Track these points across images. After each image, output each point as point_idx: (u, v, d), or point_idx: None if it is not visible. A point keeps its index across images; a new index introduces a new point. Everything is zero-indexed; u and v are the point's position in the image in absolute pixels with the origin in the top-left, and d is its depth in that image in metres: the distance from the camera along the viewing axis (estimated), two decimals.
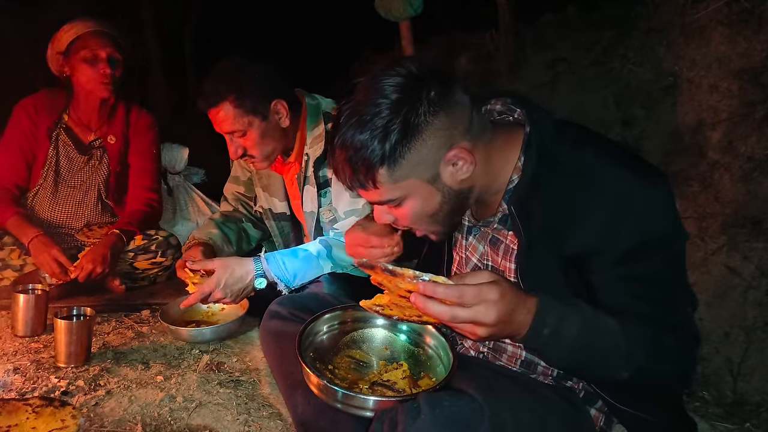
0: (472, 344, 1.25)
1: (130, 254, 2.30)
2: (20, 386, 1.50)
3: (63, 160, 2.34)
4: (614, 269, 0.97)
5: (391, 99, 0.94)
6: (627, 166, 0.99)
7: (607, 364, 0.94)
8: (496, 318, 0.84)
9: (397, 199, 1.02)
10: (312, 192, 1.88)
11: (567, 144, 1.02)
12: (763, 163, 1.82)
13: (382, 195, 1.02)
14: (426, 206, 1.03)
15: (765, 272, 1.73)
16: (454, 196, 1.03)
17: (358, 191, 1.04)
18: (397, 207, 1.04)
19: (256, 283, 1.72)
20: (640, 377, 0.95)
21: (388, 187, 1.00)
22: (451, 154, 0.98)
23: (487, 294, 0.84)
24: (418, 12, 3.12)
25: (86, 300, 2.18)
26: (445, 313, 0.84)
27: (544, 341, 0.90)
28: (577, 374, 1.08)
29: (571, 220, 0.98)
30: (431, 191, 1.02)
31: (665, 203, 0.98)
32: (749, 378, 1.72)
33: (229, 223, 2.12)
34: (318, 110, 1.86)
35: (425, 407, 0.91)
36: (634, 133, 2.25)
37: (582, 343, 0.91)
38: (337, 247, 1.76)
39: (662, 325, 0.95)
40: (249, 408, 1.49)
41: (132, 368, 1.65)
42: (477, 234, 1.18)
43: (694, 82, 2.09)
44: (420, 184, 1.00)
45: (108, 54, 2.20)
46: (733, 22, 1.99)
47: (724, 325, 1.79)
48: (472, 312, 0.84)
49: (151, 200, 2.44)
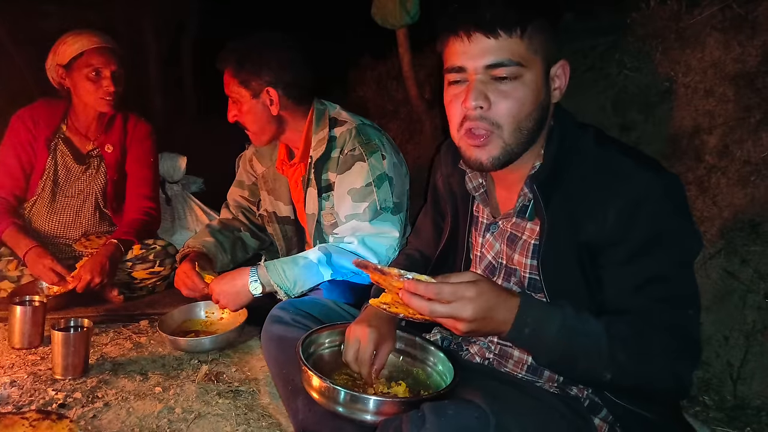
0: (478, 350, 1.25)
1: (128, 264, 2.30)
2: (17, 399, 1.49)
3: (61, 170, 2.34)
4: (622, 263, 0.99)
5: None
6: (646, 162, 1.02)
7: (588, 364, 0.96)
8: (473, 314, 0.90)
9: (521, 65, 1.01)
10: (313, 194, 1.89)
11: (589, 139, 1.07)
12: (760, 166, 1.83)
13: (513, 50, 1.00)
14: (533, 96, 1.03)
15: (763, 276, 1.73)
16: (545, 110, 1.07)
17: (487, 39, 1.00)
18: (506, 83, 1.02)
19: (251, 287, 1.71)
20: (624, 379, 0.96)
21: (524, 46, 1.01)
22: (561, 62, 1.07)
23: (463, 292, 0.90)
24: (415, 20, 3.13)
25: (84, 311, 2.17)
26: (424, 308, 0.90)
27: (526, 339, 0.95)
28: (560, 373, 1.10)
29: (590, 208, 1.01)
30: (540, 87, 1.04)
31: (681, 202, 1.01)
32: (749, 382, 1.71)
33: (225, 231, 2.12)
34: (324, 115, 1.89)
35: (430, 416, 0.91)
36: (632, 137, 2.26)
37: (561, 342, 0.94)
38: (337, 254, 1.76)
39: (658, 323, 0.96)
40: (248, 418, 1.48)
41: (130, 379, 1.64)
42: (495, 231, 1.19)
43: (690, 87, 2.09)
44: (540, 69, 1.04)
45: (112, 71, 2.21)
46: (727, 27, 2.00)
47: (723, 329, 1.78)
48: (449, 308, 0.90)
49: (149, 209, 2.43)
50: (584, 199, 1.02)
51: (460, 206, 1.27)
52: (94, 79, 2.20)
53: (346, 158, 1.81)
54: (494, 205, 1.21)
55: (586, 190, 1.02)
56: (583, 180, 1.03)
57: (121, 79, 2.25)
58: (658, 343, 0.95)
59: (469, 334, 0.95)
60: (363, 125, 1.87)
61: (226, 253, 2.08)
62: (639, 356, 0.95)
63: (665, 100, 2.18)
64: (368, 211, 1.77)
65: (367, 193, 1.78)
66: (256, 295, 1.73)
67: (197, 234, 2.14)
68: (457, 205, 1.28)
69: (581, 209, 1.02)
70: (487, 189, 1.22)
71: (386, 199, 1.79)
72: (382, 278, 0.98)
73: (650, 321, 0.96)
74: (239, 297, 1.74)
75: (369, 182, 1.78)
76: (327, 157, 1.85)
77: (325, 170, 1.87)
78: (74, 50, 2.19)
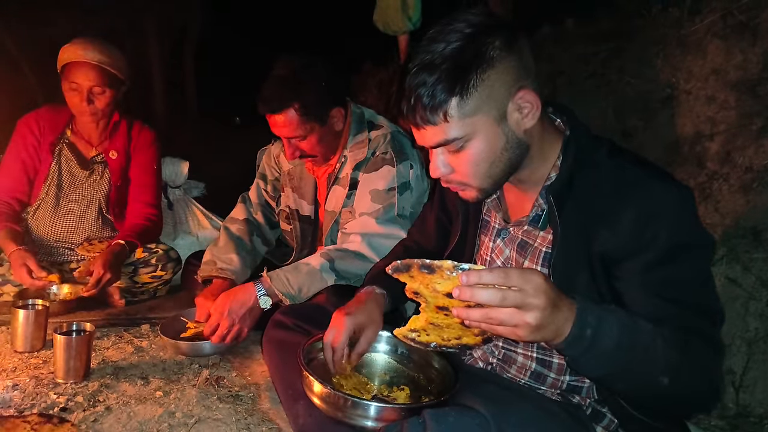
0: (482, 354, 1.25)
1: (130, 268, 2.30)
2: (19, 403, 1.50)
3: (65, 174, 2.35)
4: (642, 273, 0.98)
5: (465, 32, 0.97)
6: (659, 175, 1.02)
7: (647, 368, 0.90)
8: (545, 300, 0.80)
9: (463, 137, 1.01)
10: (339, 192, 1.90)
11: (604, 150, 1.07)
12: (761, 173, 1.83)
13: (448, 132, 1.00)
14: (489, 150, 1.02)
15: (765, 283, 1.73)
16: (516, 145, 1.04)
17: (424, 129, 1.02)
18: (459, 151, 1.03)
19: (261, 302, 1.71)
20: (678, 384, 0.91)
21: (458, 122, 0.99)
22: (519, 95, 1.00)
23: (531, 275, 0.81)
24: (416, 26, 3.15)
25: (86, 315, 2.17)
26: (495, 297, 0.79)
27: (587, 342, 0.85)
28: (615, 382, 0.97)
29: (604, 219, 1.01)
30: (497, 133, 1.01)
31: (693, 211, 1.01)
32: (752, 390, 1.71)
33: (244, 242, 2.09)
34: (362, 118, 1.92)
35: (430, 422, 0.91)
36: (634, 143, 2.26)
37: (623, 343, 0.87)
38: (340, 259, 1.76)
39: (692, 329, 0.93)
40: (248, 423, 1.48)
41: (131, 384, 1.64)
42: (506, 237, 1.19)
43: (691, 94, 2.10)
44: (487, 122, 1.00)
45: (89, 87, 2.19)
46: (728, 34, 2.01)
47: (725, 336, 1.78)
48: (521, 294, 0.79)
49: (151, 215, 2.44)
50: (598, 210, 1.02)
51: (471, 209, 1.28)
52: (74, 91, 2.19)
53: (376, 160, 1.84)
54: (505, 211, 1.22)
55: (600, 201, 1.02)
56: (597, 192, 1.03)
57: (101, 98, 2.22)
58: (698, 349, 0.92)
59: (534, 334, 0.82)
60: (398, 132, 1.91)
61: (248, 269, 2.04)
62: (688, 360, 0.90)
63: (666, 106, 2.19)
64: (382, 212, 1.79)
65: (389, 197, 1.80)
66: (267, 308, 1.72)
67: (223, 247, 2.04)
68: (468, 207, 1.28)
69: (595, 220, 1.02)
70: (499, 194, 1.23)
71: (405, 207, 1.82)
72: (426, 281, 0.85)
73: (685, 327, 0.92)
74: (253, 313, 1.72)
75: (392, 187, 1.80)
76: (364, 159, 1.87)
77: (360, 170, 1.88)
78: (63, 60, 2.20)
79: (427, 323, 0.94)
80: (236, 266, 1.98)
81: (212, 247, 2.06)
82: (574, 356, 0.88)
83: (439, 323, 0.93)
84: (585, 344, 0.86)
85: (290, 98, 1.70)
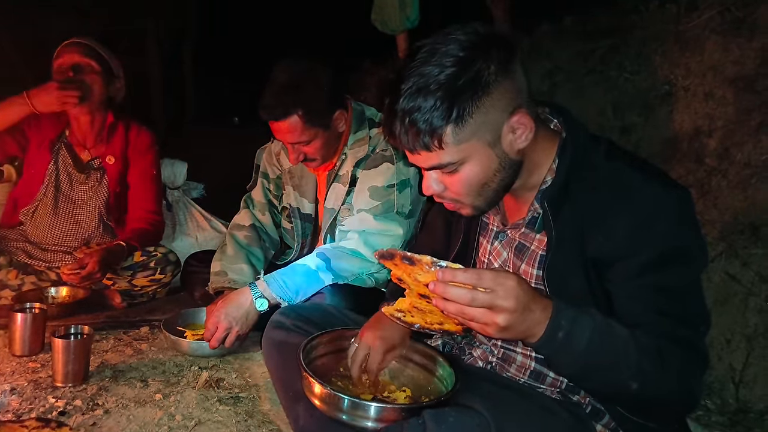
0: (481, 354, 1.25)
1: (129, 271, 2.30)
2: (17, 407, 1.49)
3: (63, 175, 2.34)
4: (634, 277, 0.97)
5: (459, 56, 0.94)
6: (657, 178, 1.01)
7: (616, 372, 0.93)
8: (515, 303, 0.84)
9: (456, 162, 1.00)
10: (339, 190, 1.90)
11: (601, 152, 1.06)
12: (760, 169, 1.83)
13: (442, 158, 1.00)
14: (482, 173, 1.02)
15: (765, 278, 1.73)
16: (509, 166, 1.03)
17: (418, 154, 1.01)
18: (452, 173, 1.02)
19: (257, 305, 1.71)
20: (647, 389, 0.93)
21: (452, 148, 0.98)
22: (514, 119, 0.99)
23: (504, 279, 0.84)
24: (414, 25, 3.15)
25: (85, 317, 2.17)
26: (464, 296, 0.83)
27: (558, 344, 0.90)
28: (584, 383, 1.04)
29: (600, 223, 1.00)
30: (490, 157, 1.01)
31: (690, 218, 1.00)
32: (752, 385, 1.70)
33: (255, 250, 2.07)
34: (363, 116, 1.91)
35: (430, 423, 0.91)
36: (632, 140, 2.26)
37: (593, 346, 0.91)
38: (336, 258, 1.76)
39: (672, 337, 0.94)
40: (249, 425, 1.48)
41: (130, 386, 1.64)
42: (503, 240, 1.19)
43: (689, 90, 2.10)
44: (481, 147, 0.99)
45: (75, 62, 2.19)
46: (726, 30, 2.01)
47: (725, 332, 1.78)
48: (491, 296, 0.84)
49: (153, 220, 2.44)
50: (593, 214, 1.01)
51: None
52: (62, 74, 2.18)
53: (376, 157, 1.84)
54: (503, 213, 1.22)
55: (595, 204, 1.01)
56: (592, 195, 1.02)
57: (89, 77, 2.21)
58: (675, 357, 0.93)
59: (503, 333, 0.87)
60: None
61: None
62: (661, 367, 0.92)
63: (665, 102, 2.18)
64: (381, 208, 1.78)
65: (387, 193, 1.79)
66: (263, 311, 1.72)
67: (232, 256, 2.00)
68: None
69: (590, 223, 1.01)
70: None
71: (404, 204, 1.82)
72: (408, 271, 0.90)
73: (665, 334, 0.94)
74: (249, 317, 1.72)
75: (392, 184, 1.80)
76: (367, 156, 1.86)
77: (360, 167, 1.88)
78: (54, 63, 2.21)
79: (411, 306, 0.99)
80: (248, 277, 1.96)
81: (221, 256, 2.02)
82: (546, 355, 0.94)
83: (422, 308, 0.97)
84: (555, 346, 0.90)
85: (293, 105, 1.69)
